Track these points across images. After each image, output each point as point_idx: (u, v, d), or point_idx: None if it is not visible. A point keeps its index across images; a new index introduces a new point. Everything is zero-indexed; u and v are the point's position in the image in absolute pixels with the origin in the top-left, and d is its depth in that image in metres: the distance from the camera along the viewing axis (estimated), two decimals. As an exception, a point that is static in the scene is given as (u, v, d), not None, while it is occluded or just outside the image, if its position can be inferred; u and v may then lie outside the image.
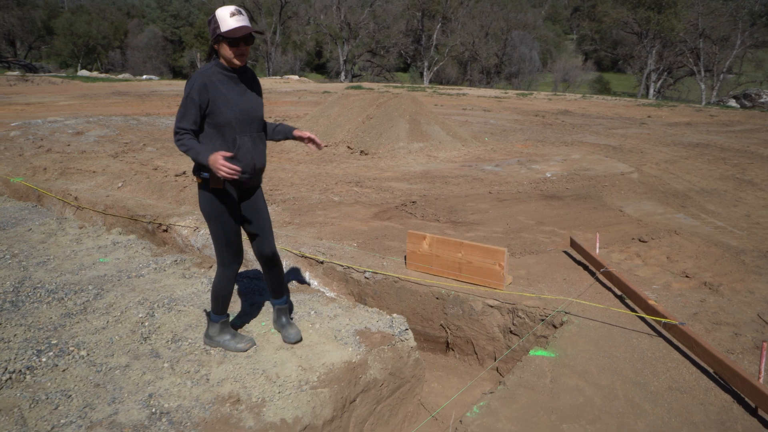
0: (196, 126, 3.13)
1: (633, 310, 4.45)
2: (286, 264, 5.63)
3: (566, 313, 4.39)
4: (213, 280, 3.60)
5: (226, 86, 3.17)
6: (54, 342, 3.61)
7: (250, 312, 4.11)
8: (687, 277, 5.18)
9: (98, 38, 73.05)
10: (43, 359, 3.40)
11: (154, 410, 2.97)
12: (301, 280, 5.57)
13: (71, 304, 4.14)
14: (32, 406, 2.99)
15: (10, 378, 3.21)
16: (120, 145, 11.16)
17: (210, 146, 3.15)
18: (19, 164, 9.13)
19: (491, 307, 4.67)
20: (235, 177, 2.94)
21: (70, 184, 8.00)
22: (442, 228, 6.51)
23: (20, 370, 3.27)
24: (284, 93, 25.39)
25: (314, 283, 5.55)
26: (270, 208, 7.05)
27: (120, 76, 41.90)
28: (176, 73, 78.01)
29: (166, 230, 6.64)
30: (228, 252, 3.40)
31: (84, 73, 44.04)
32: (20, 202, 6.93)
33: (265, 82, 34.52)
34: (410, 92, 13.89)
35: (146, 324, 3.86)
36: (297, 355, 3.55)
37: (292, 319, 3.91)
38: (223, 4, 76.15)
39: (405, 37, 68.62)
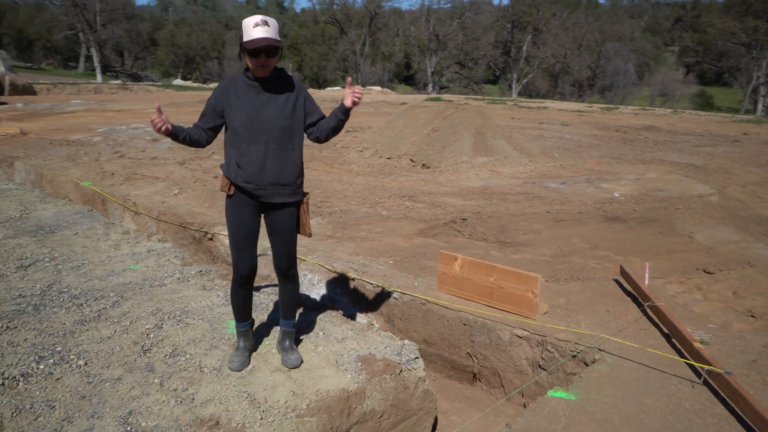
0: (206, 125, 3.20)
1: (679, 352, 3.99)
2: (317, 278, 5.50)
3: (599, 350, 3.99)
4: None
5: (246, 94, 3.14)
6: (58, 349, 3.62)
7: (259, 328, 3.99)
8: (753, 317, 4.62)
9: (197, 49, 76.70)
10: (41, 366, 3.41)
11: (129, 429, 2.88)
12: (330, 297, 5.42)
13: (88, 311, 4.17)
14: (14, 414, 2.98)
15: (3, 384, 3.22)
16: (190, 153, 11.48)
17: (227, 152, 3.22)
18: (93, 169, 9.55)
19: (519, 337, 4.33)
20: (163, 130, 2.93)
21: (132, 189, 8.26)
22: (487, 248, 6.19)
23: (15, 377, 3.29)
24: (363, 104, 25.56)
25: (344, 300, 5.38)
26: (314, 221, 6.97)
27: (211, 86, 43.70)
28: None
29: (211, 239, 6.69)
30: (234, 257, 3.35)
31: (178, 82, 46.26)
32: (77, 206, 7.20)
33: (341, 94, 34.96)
34: (478, 105, 13.52)
35: (151, 336, 3.81)
36: (292, 378, 3.38)
37: (296, 344, 3.74)
38: (315, 17, 78.18)
39: (494, 48, 67.76)
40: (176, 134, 3.06)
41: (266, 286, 4.84)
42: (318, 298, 5.49)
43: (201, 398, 3.14)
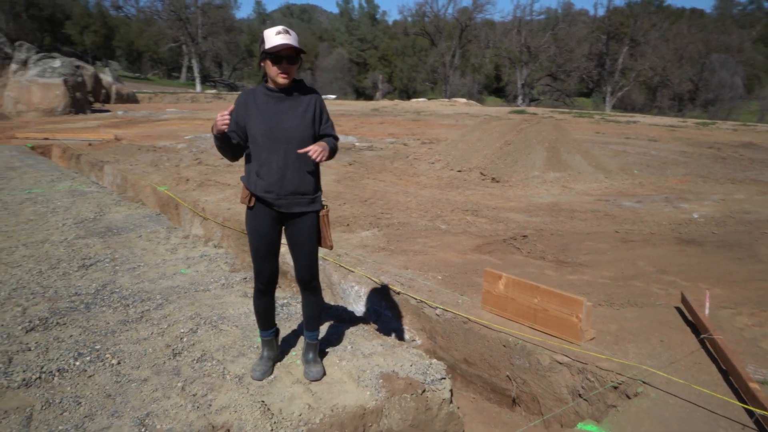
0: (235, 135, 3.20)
1: (736, 391, 3.66)
2: (363, 290, 5.48)
3: (643, 382, 3.72)
4: None
5: (265, 104, 3.17)
6: (97, 347, 3.78)
7: (288, 338, 4.00)
8: (830, 357, 4.18)
9: (291, 60, 79.13)
10: (78, 363, 3.57)
11: (144, 430, 2.95)
12: (375, 310, 5.38)
13: (132, 311, 4.34)
14: (43, 407, 3.12)
15: (40, 377, 3.40)
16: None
17: (247, 163, 3.27)
18: (172, 174, 10.01)
19: (560, 363, 4.12)
20: (223, 126, 2.94)
21: (203, 195, 8.58)
22: (543, 267, 5.96)
23: (52, 371, 3.46)
24: (444, 116, 25.48)
25: (387, 314, 5.33)
26: (371, 232, 6.97)
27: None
28: (359, 94, 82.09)
29: (270, 246, 6.81)
30: (255, 267, 3.39)
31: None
32: (147, 210, 7.55)
33: (430, 105, 34.97)
34: (554, 119, 13.12)
35: (184, 340, 3.91)
36: (311, 391, 3.36)
37: (321, 356, 3.72)
38: (405, 29, 78.82)
39: (588, 60, 65.78)
40: (228, 137, 3.12)
41: (296, 297, 4.86)
42: (363, 310, 5.47)
43: (217, 405, 3.18)
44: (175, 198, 8.36)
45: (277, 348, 3.66)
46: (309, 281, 3.43)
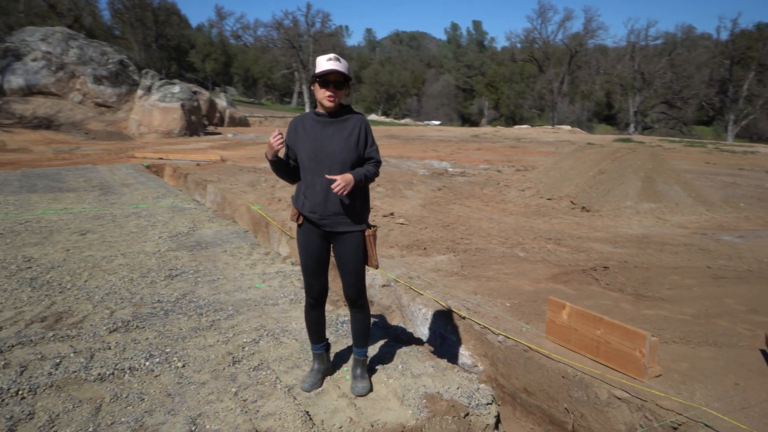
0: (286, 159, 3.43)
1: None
2: (430, 313, 5.52)
3: (705, 425, 3.51)
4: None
5: (312, 128, 3.35)
6: (167, 350, 4.09)
7: (343, 353, 4.13)
8: None
9: (398, 86, 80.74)
10: (147, 363, 3.88)
11: (194, 428, 3.17)
12: (440, 333, 5.41)
13: (205, 320, 4.64)
14: (112, 400, 3.43)
15: (113, 373, 3.73)
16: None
17: (297, 184, 3.47)
18: (266, 194, 10.53)
19: (618, 398, 3.96)
20: (278, 146, 3.15)
21: (292, 215, 8.95)
22: (618, 300, 5.75)
23: (124, 369, 3.78)
24: (544, 143, 24.99)
25: (452, 338, 5.34)
26: (446, 257, 7.01)
27: (402, 121, 45.63)
28: (465, 120, 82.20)
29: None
30: (305, 283, 3.57)
31: (372, 117, 48.96)
32: (236, 227, 8.00)
33: (532, 132, 34.40)
34: (651, 148, 12.55)
35: (245, 349, 4.14)
36: (355, 406, 3.46)
37: (371, 373, 3.82)
38: (513, 56, 78.07)
39: (708, 87, 62.21)
40: (281, 160, 3.35)
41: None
42: (428, 332, 5.51)
43: (264, 411, 3.35)
44: (266, 217, 8.80)
45: (327, 362, 3.79)
46: (355, 299, 3.54)
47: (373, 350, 4.22)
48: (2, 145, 19.98)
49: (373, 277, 6.42)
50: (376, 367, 3.93)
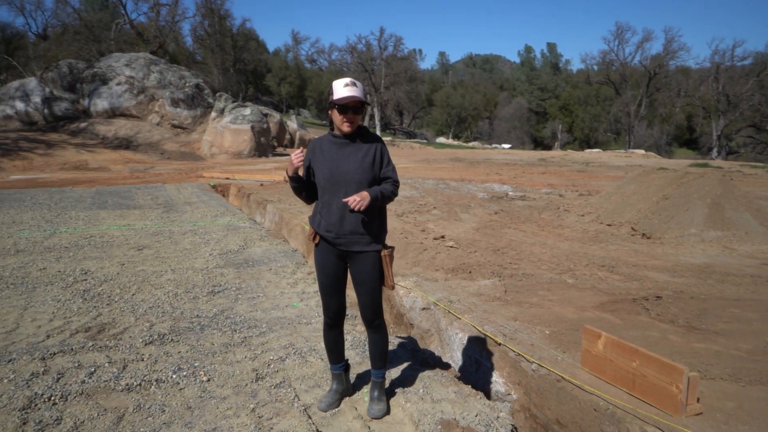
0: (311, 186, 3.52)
1: None
2: (467, 338, 5.42)
3: (741, 470, 3.27)
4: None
5: (330, 150, 3.41)
6: (196, 364, 4.19)
7: (364, 375, 4.12)
8: None
9: (469, 109, 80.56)
10: (174, 376, 3.99)
11: (207, 443, 3.23)
12: (476, 359, 5.29)
13: (237, 336, 4.74)
14: (134, 410, 3.54)
15: (140, 384, 3.85)
16: (414, 206, 12.16)
17: (315, 204, 3.55)
18: (321, 215, 10.68)
19: (650, 436, 3.75)
20: (298, 163, 3.31)
21: (342, 235, 9.04)
22: (667, 332, 5.46)
23: (151, 380, 3.91)
24: (614, 167, 24.22)
25: (487, 364, 5.21)
26: (490, 281, 6.88)
27: (470, 144, 45.39)
28: (537, 143, 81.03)
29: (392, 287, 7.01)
30: (323, 302, 3.60)
31: (441, 140, 49.01)
32: (286, 246, 8.15)
33: (603, 155, 33.45)
34: (720, 173, 11.95)
35: (271, 366, 4.19)
36: (370, 429, 3.44)
37: (391, 395, 3.79)
38: (587, 78, 76.45)
39: (801, 109, 58.85)
40: (301, 178, 3.46)
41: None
42: (464, 357, 5.41)
43: (277, 429, 3.37)
44: (317, 236, 8.91)
45: (346, 382, 3.79)
46: (371, 320, 3.54)
47: (396, 372, 4.19)
48: (84, 164, 21.23)
49: (413, 299, 6.39)
50: (396, 390, 3.90)
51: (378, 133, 62.18)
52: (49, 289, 5.92)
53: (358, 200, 3.18)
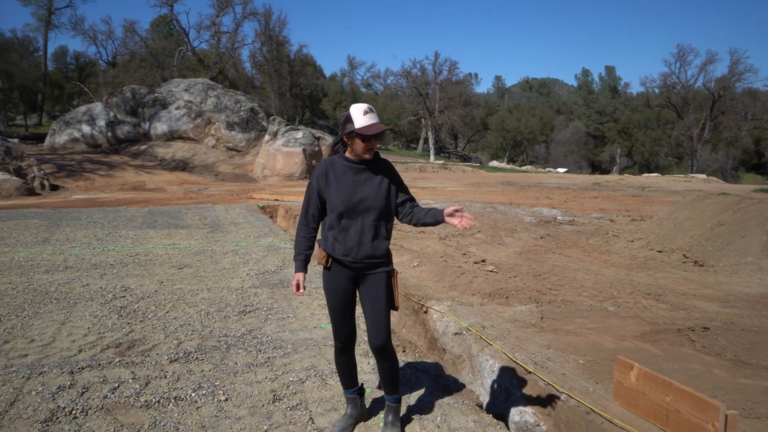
0: (314, 217, 3.49)
1: None
2: (497, 365, 5.26)
3: None
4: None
5: (345, 175, 3.37)
6: (217, 383, 4.20)
7: (382, 400, 4.03)
8: None
9: (525, 133, 79.72)
10: (193, 394, 4.01)
11: (215, 463, 3.21)
12: (506, 387, 5.12)
13: (261, 357, 4.74)
14: (150, 427, 3.57)
15: (159, 401, 3.88)
16: (452, 230, 12.03)
17: (324, 227, 3.48)
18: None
19: (682, 477, 3.52)
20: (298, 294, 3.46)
21: (381, 257, 9.00)
22: (711, 365, 5.16)
23: (170, 398, 3.93)
24: (671, 192, 23.36)
25: (516, 393, 5.04)
26: (527, 307, 6.70)
27: (522, 168, 44.82)
28: (595, 168, 79.38)
29: (426, 311, 6.93)
30: (333, 326, 3.55)
31: (494, 163, 48.59)
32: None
33: (660, 180, 32.40)
34: (780, 198, 11.33)
35: (289, 387, 4.16)
36: (381, 456, 3.35)
37: (407, 422, 3.70)
38: (647, 101, 74.60)
39: None
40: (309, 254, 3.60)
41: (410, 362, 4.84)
42: (493, 385, 5.25)
43: (287, 452, 3.32)
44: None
45: (361, 407, 3.71)
46: (379, 344, 3.44)
47: (414, 398, 4.09)
48: (142, 185, 21.99)
49: (446, 324, 6.27)
50: (413, 417, 3.80)
51: (432, 156, 62.21)
52: (89, 305, 6.09)
53: (470, 221, 3.19)
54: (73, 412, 3.73)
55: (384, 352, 3.47)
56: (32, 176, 20.88)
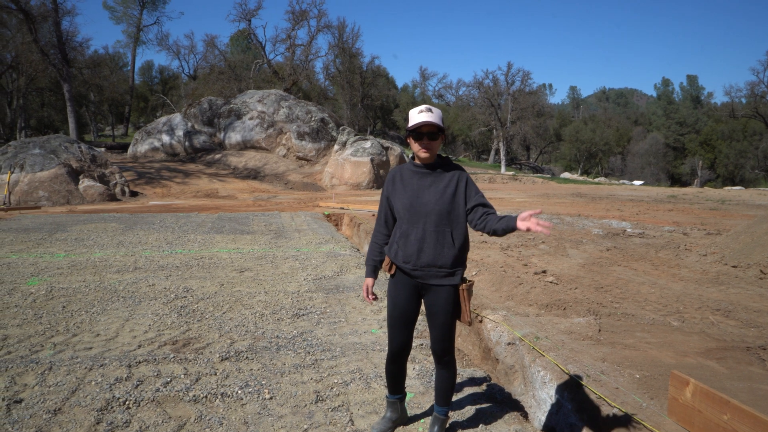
0: (387, 223, 3.51)
1: None
2: (549, 377, 5.14)
3: None
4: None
5: (410, 180, 3.38)
6: (263, 382, 4.31)
7: (425, 405, 4.02)
8: None
9: (600, 144, 77.53)
10: (239, 391, 4.12)
11: (254, 458, 3.28)
12: (557, 399, 4.99)
13: (309, 358, 4.81)
14: (195, 421, 3.70)
15: (206, 397, 4.02)
16: (521, 239, 11.84)
17: (392, 234, 3.48)
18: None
19: (736, 501, 3.33)
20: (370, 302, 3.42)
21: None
22: (779, 385, 4.86)
23: (217, 394, 4.06)
24: (754, 206, 22.09)
25: (568, 406, 4.90)
26: (585, 319, 6.51)
27: (595, 180, 43.53)
28: (674, 180, 76.27)
29: (480, 321, 6.85)
30: (389, 334, 3.53)
31: (565, 175, 47.45)
32: (381, 274, 8.17)
33: (743, 193, 30.71)
34: None
35: (333, 389, 4.21)
36: (417, 461, 3.34)
37: None
38: (732, 112, 71.07)
39: None
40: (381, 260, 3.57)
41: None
42: (543, 397, 5.12)
43: (324, 452, 3.36)
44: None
45: (402, 411, 3.71)
46: (441, 355, 3.41)
47: (457, 406, 4.06)
48: (215, 192, 22.77)
49: (500, 334, 6.18)
50: (454, 423, 3.76)
51: (503, 167, 61.43)
52: (152, 304, 6.37)
53: (546, 227, 2.90)
54: (127, 402, 3.91)
55: (443, 362, 3.44)
56: (114, 183, 22.03)
